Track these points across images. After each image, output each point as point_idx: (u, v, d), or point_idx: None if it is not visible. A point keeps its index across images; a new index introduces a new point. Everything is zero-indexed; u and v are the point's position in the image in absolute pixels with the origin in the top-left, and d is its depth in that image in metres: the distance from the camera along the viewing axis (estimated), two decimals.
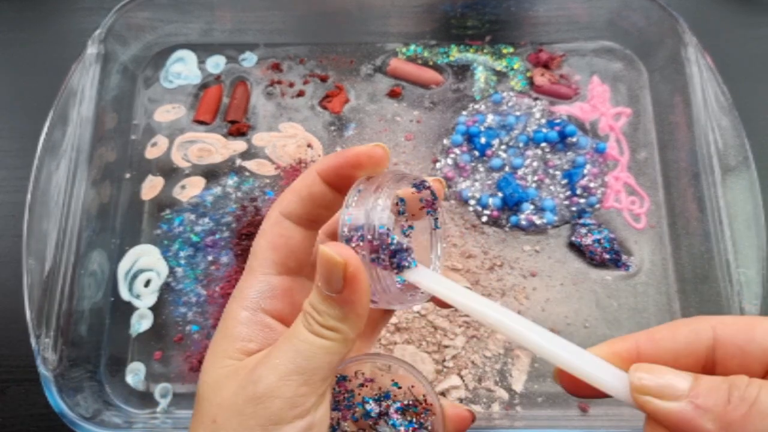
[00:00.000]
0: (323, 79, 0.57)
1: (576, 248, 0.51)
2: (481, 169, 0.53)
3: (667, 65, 0.53)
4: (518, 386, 0.47)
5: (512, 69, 0.57)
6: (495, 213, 0.52)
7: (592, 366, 0.24)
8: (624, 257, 0.50)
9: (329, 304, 0.24)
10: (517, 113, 0.55)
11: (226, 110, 0.56)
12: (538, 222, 0.51)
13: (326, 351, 0.24)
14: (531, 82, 0.56)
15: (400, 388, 0.30)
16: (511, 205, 0.51)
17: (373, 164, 0.27)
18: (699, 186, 0.48)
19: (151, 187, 0.54)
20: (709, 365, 0.23)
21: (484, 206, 0.52)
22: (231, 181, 0.54)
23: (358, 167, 0.27)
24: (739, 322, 0.23)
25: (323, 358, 0.24)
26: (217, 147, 0.55)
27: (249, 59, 0.58)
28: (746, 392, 0.21)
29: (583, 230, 0.51)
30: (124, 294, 0.50)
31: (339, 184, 0.27)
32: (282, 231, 0.27)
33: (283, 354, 0.24)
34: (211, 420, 0.24)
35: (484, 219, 0.52)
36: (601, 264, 0.50)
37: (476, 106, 0.56)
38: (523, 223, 0.51)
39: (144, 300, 0.50)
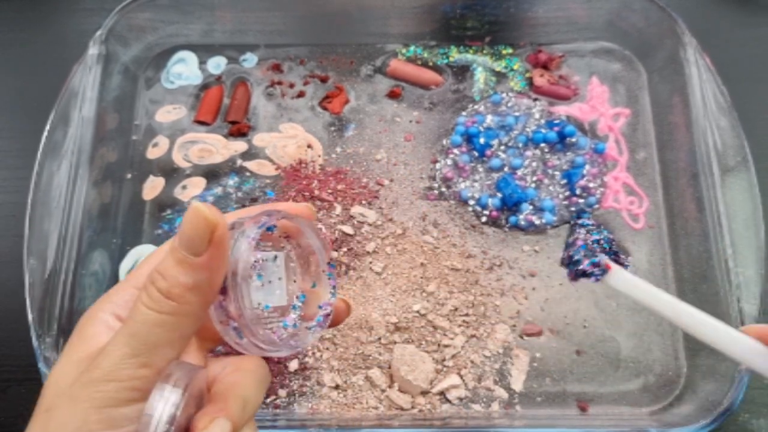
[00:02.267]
0: (323, 80, 0.58)
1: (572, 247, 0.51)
2: (481, 169, 0.53)
3: (666, 66, 0.53)
4: (517, 385, 0.47)
5: (512, 70, 0.57)
6: (494, 213, 0.52)
7: None
8: (622, 257, 0.51)
9: (182, 269, 0.22)
10: (517, 114, 0.55)
11: (226, 111, 0.57)
12: (537, 222, 0.51)
13: (166, 328, 0.23)
14: (530, 82, 0.57)
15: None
16: (510, 206, 0.52)
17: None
18: (698, 186, 0.48)
19: (152, 187, 0.54)
20: None
21: (484, 206, 0.52)
22: (232, 181, 0.54)
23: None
24: None
25: (162, 336, 0.23)
26: (217, 147, 0.55)
27: (249, 60, 0.59)
28: None
29: (582, 231, 0.51)
30: None
31: None
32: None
33: (119, 337, 0.23)
34: (45, 409, 0.23)
35: (484, 219, 0.52)
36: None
37: (476, 107, 0.56)
38: (523, 223, 0.51)
39: None
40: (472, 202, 0.53)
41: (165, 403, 0.22)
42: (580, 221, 0.51)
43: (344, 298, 0.30)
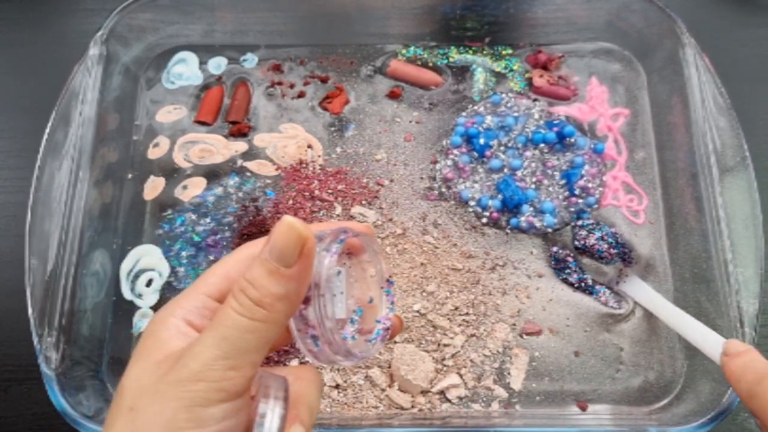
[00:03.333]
0: (323, 80, 0.58)
1: (581, 251, 0.51)
2: (481, 170, 0.54)
3: (666, 66, 0.54)
4: (517, 385, 0.47)
5: (511, 70, 0.57)
6: (495, 215, 0.52)
7: None
8: (627, 250, 0.51)
9: (273, 279, 0.24)
10: (516, 114, 0.55)
11: (227, 111, 0.57)
12: (537, 224, 0.51)
13: (255, 335, 0.24)
14: (530, 83, 0.57)
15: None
16: (510, 208, 0.52)
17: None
18: (697, 186, 0.48)
19: (153, 187, 0.54)
20: None
21: (484, 208, 0.52)
22: (232, 181, 0.54)
23: None
24: None
25: (251, 342, 0.24)
26: (218, 147, 0.55)
27: (250, 60, 0.59)
28: None
29: (583, 232, 0.51)
30: (126, 294, 0.51)
31: None
32: (242, 269, 0.26)
33: (209, 339, 0.23)
34: (128, 408, 0.23)
35: (484, 220, 0.52)
36: (610, 262, 0.51)
37: (475, 108, 0.56)
38: (524, 225, 0.51)
39: (146, 300, 0.51)
40: (472, 203, 0.53)
41: (273, 415, 0.24)
42: (579, 223, 0.52)
43: (397, 315, 0.32)
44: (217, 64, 0.59)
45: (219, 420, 0.23)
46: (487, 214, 0.52)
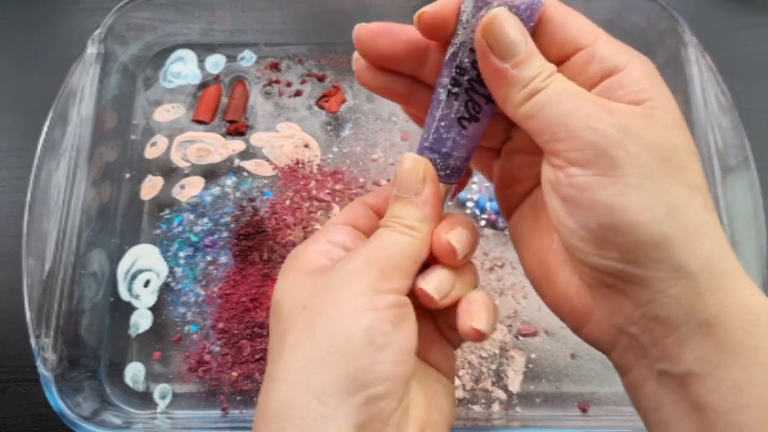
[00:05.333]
0: (321, 79, 0.57)
1: None
2: None
3: (667, 65, 0.53)
4: (515, 387, 0.47)
5: None
6: (493, 217, 0.52)
7: None
8: None
9: (411, 207, 0.27)
10: None
11: (225, 110, 0.56)
12: None
13: (410, 245, 0.26)
14: None
15: None
16: None
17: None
18: None
19: (151, 186, 0.54)
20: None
21: (482, 209, 0.52)
22: (230, 181, 0.54)
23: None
24: (564, 14, 0.25)
25: (408, 250, 0.26)
26: (215, 147, 0.55)
27: (248, 59, 0.58)
28: (542, 83, 0.23)
29: None
30: (124, 294, 0.51)
31: None
32: (364, 208, 0.30)
33: (371, 248, 0.26)
34: (301, 307, 0.25)
35: (482, 222, 0.52)
36: None
37: None
38: None
39: (143, 300, 0.50)
40: (470, 204, 0.52)
41: None
42: None
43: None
44: (216, 63, 0.58)
45: (392, 305, 0.25)
46: (485, 216, 0.52)
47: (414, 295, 0.27)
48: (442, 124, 0.27)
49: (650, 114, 0.23)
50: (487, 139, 0.29)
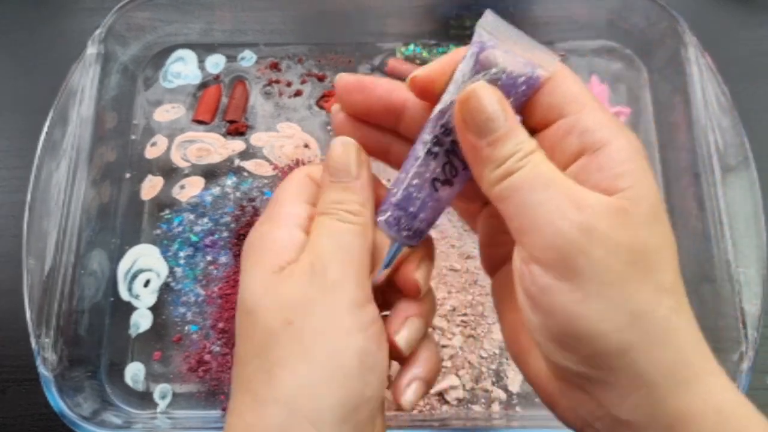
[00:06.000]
0: (321, 79, 0.57)
1: None
2: None
3: (667, 65, 0.53)
4: (514, 387, 0.47)
5: None
6: None
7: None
8: None
9: (350, 192, 0.26)
10: None
11: (225, 110, 0.56)
12: None
13: (359, 234, 0.26)
14: None
15: None
16: None
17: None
18: (699, 186, 0.48)
19: (151, 186, 0.54)
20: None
21: None
22: (230, 181, 0.54)
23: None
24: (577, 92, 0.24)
25: (359, 242, 0.26)
26: (215, 147, 0.55)
27: (248, 59, 0.58)
28: (517, 163, 0.22)
29: None
30: (124, 294, 0.51)
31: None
32: (310, 183, 0.28)
33: (329, 245, 0.25)
34: (285, 323, 0.24)
35: None
36: None
37: None
38: None
39: (143, 300, 0.50)
40: None
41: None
42: None
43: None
44: (216, 63, 0.58)
45: (373, 320, 0.25)
46: None
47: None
48: (415, 182, 0.26)
49: (624, 209, 0.21)
50: (468, 198, 0.28)
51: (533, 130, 0.24)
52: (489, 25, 0.24)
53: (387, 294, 0.29)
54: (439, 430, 0.44)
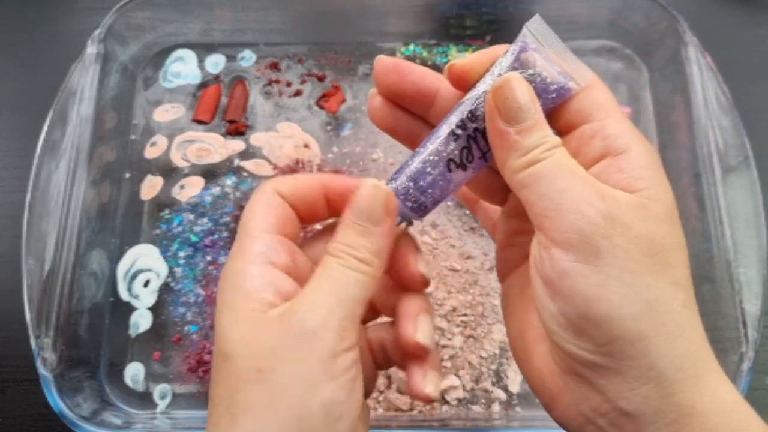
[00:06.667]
0: (320, 79, 0.57)
1: None
2: None
3: (668, 65, 0.53)
4: (514, 387, 0.47)
5: None
6: None
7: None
8: None
9: (368, 239, 0.25)
10: None
11: (224, 110, 0.56)
12: None
13: (361, 285, 0.25)
14: None
15: None
16: None
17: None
18: (699, 186, 0.48)
19: (151, 186, 0.54)
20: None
21: None
22: (229, 181, 0.54)
23: None
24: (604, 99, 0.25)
25: (359, 293, 0.25)
26: (215, 147, 0.55)
27: (248, 58, 0.58)
28: (542, 154, 0.23)
29: None
30: (124, 294, 0.51)
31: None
32: (279, 203, 0.28)
33: (323, 291, 0.24)
34: (255, 370, 0.23)
35: None
36: None
37: None
38: None
39: (143, 300, 0.50)
40: None
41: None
42: None
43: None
44: (215, 63, 0.58)
45: (348, 368, 0.24)
46: None
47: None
48: (431, 158, 0.26)
49: (643, 204, 0.23)
50: (488, 195, 0.29)
51: (557, 133, 0.25)
52: (535, 29, 0.26)
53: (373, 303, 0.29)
54: (439, 430, 0.44)
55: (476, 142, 0.26)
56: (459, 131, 0.26)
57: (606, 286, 0.22)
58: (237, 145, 0.55)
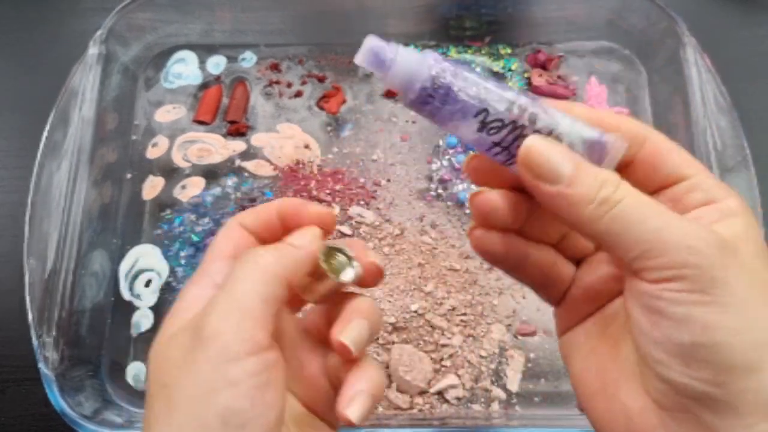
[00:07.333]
0: (321, 80, 0.57)
1: None
2: None
3: (666, 66, 0.53)
4: (513, 386, 0.47)
5: (510, 70, 0.57)
6: None
7: None
8: None
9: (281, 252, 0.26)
10: None
11: (225, 110, 0.57)
12: None
13: (264, 282, 0.24)
14: (529, 82, 0.56)
15: None
16: None
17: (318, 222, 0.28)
18: None
19: (152, 187, 0.54)
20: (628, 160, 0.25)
21: None
22: (230, 181, 0.54)
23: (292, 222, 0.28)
24: (669, 148, 0.25)
25: (262, 290, 0.24)
26: (216, 147, 0.55)
27: (248, 59, 0.59)
28: (614, 194, 0.22)
29: None
30: (125, 294, 0.51)
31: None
32: (241, 233, 0.28)
33: (220, 297, 0.24)
34: (161, 386, 0.23)
35: None
36: None
37: None
38: None
39: (145, 300, 0.51)
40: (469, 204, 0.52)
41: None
42: None
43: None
44: (216, 64, 0.58)
45: (254, 373, 0.23)
46: None
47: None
48: (481, 95, 0.24)
49: (746, 239, 0.22)
50: (545, 233, 0.28)
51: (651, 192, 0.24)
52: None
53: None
54: (439, 429, 0.44)
55: (508, 149, 0.25)
56: (515, 112, 0.24)
57: (725, 314, 0.21)
58: (238, 145, 0.55)
